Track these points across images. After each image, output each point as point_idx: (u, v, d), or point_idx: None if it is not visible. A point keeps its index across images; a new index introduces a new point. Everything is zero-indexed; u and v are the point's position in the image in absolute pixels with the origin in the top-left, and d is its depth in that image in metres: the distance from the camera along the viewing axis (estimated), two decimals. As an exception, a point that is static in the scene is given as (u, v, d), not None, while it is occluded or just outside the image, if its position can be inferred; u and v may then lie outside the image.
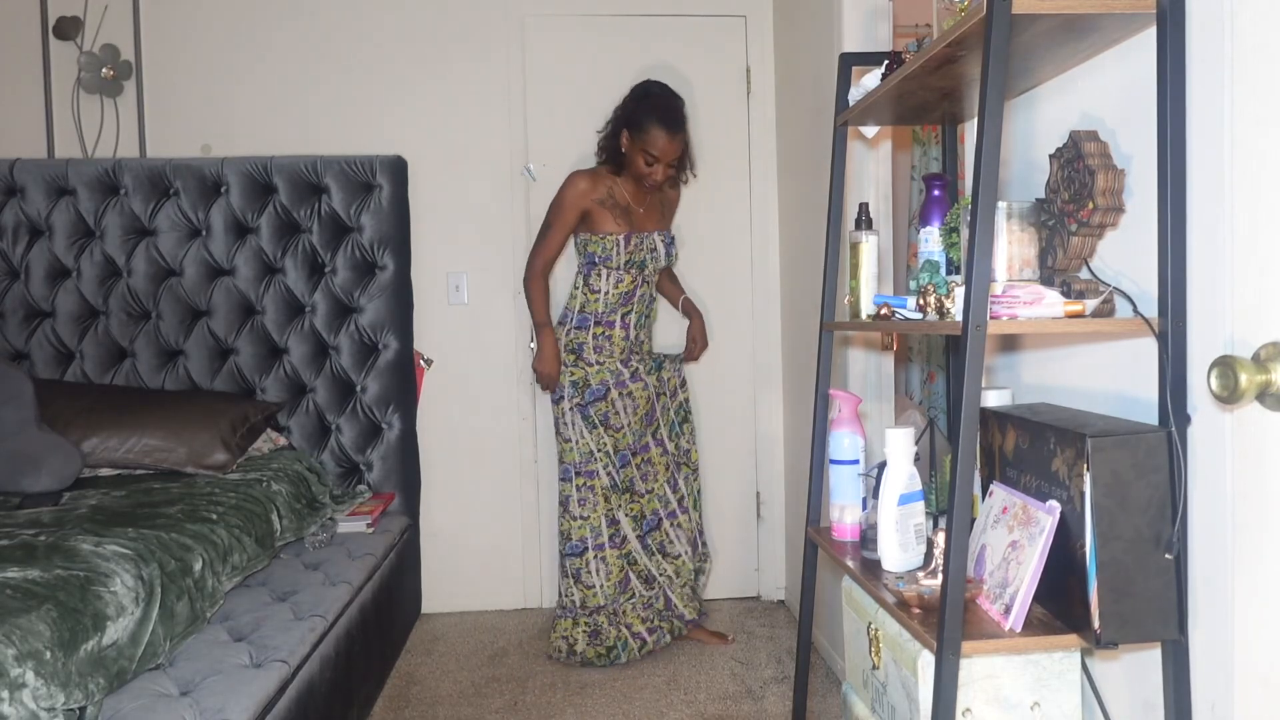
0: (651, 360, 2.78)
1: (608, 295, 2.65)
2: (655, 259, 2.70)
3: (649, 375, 2.74)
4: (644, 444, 2.71)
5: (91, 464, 2.45)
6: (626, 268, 2.63)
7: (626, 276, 2.65)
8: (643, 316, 2.73)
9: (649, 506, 2.73)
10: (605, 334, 2.65)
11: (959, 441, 1.13)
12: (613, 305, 2.66)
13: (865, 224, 1.66)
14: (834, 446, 1.66)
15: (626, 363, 2.68)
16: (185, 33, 3.06)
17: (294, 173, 2.93)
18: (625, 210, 2.66)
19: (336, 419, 2.95)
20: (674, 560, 2.75)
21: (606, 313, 2.65)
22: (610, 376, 2.65)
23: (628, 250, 2.62)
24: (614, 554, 2.65)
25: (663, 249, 2.71)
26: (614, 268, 2.62)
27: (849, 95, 1.74)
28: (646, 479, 2.71)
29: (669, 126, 2.56)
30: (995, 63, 1.10)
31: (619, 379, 2.66)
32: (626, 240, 2.62)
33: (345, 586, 2.19)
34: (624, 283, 2.65)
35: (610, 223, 2.63)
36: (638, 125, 2.57)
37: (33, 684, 1.28)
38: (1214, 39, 1.06)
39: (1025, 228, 1.29)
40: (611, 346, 2.66)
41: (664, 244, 2.72)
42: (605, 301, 2.65)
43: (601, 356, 2.64)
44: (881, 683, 1.42)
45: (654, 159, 2.57)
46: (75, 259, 2.89)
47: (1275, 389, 0.89)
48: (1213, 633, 1.09)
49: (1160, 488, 1.10)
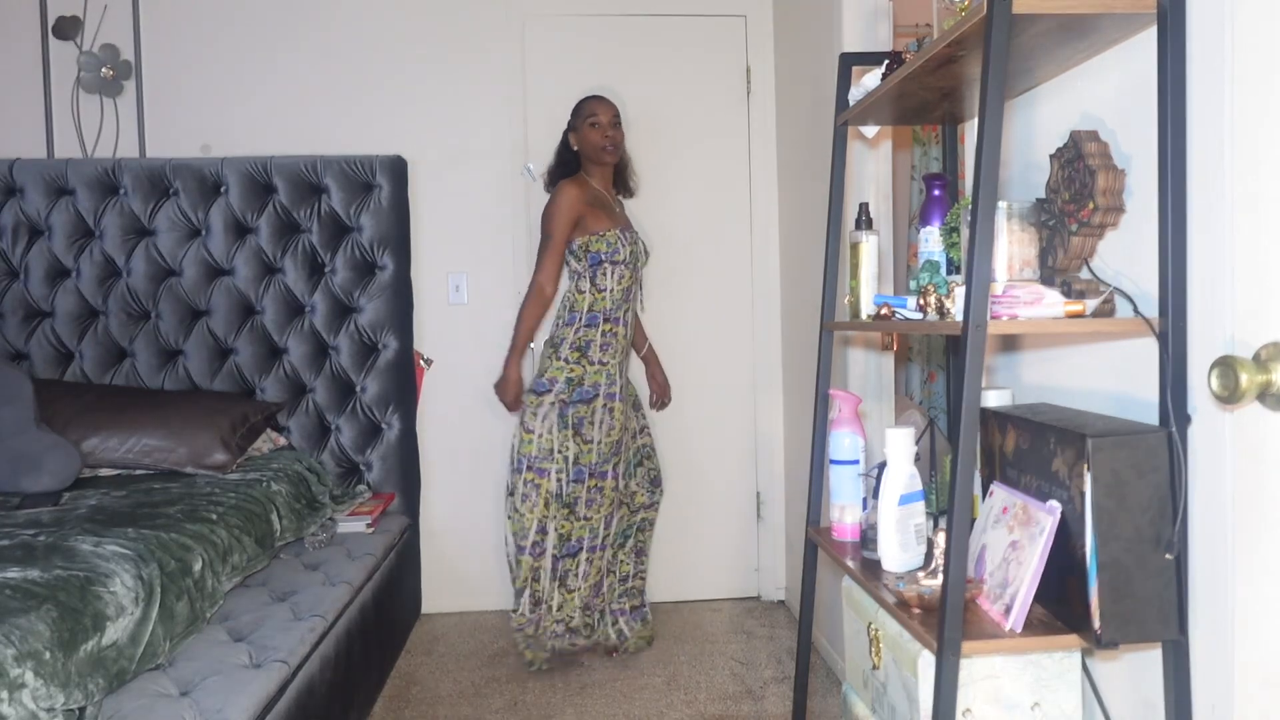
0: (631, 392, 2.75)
1: (613, 292, 2.61)
2: (641, 256, 2.72)
3: (627, 403, 2.69)
4: (602, 470, 2.58)
5: (91, 464, 2.45)
6: (627, 263, 2.62)
7: (627, 272, 2.63)
8: (634, 315, 2.73)
9: (578, 533, 2.58)
10: (612, 331, 2.62)
11: (959, 441, 1.13)
12: (618, 302, 2.63)
13: (865, 224, 1.66)
14: (834, 446, 1.66)
15: (622, 370, 2.65)
16: (185, 33, 3.06)
17: (294, 173, 2.93)
18: (610, 209, 2.67)
19: (336, 419, 2.95)
20: (567, 593, 2.59)
21: (613, 309, 2.62)
22: (605, 382, 2.59)
23: (628, 244, 2.63)
24: (529, 561, 2.57)
25: (643, 246, 2.73)
26: (619, 262, 2.60)
27: (849, 95, 1.74)
28: (590, 505, 2.57)
29: (594, 96, 2.71)
30: (995, 63, 1.10)
31: (610, 388, 2.60)
32: (624, 234, 2.63)
33: (345, 586, 2.19)
34: (625, 278, 2.63)
35: (605, 220, 2.62)
36: (572, 117, 2.71)
37: (32, 684, 1.28)
38: (1214, 39, 1.06)
39: (1025, 227, 1.29)
40: (617, 344, 2.63)
41: (644, 243, 2.74)
42: (612, 298, 2.61)
43: (606, 355, 2.59)
44: (881, 683, 1.42)
45: (599, 122, 2.63)
46: (75, 259, 2.89)
47: (1276, 389, 0.89)
48: (1213, 633, 1.09)
49: (1160, 488, 1.10)
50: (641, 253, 2.70)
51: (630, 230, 2.68)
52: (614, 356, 2.61)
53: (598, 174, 2.69)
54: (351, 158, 2.95)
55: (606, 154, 2.65)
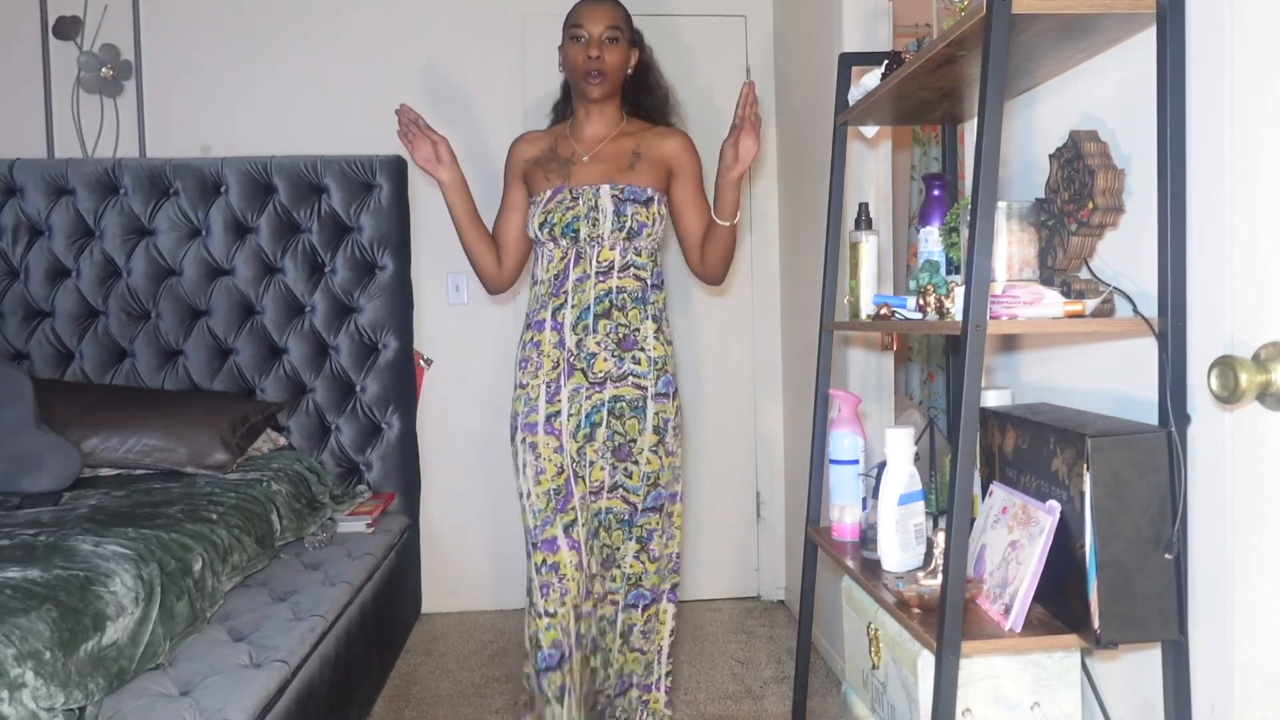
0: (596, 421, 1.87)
1: (541, 285, 1.92)
2: (596, 221, 1.85)
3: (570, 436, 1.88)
4: (547, 539, 1.87)
5: (91, 464, 2.45)
6: (550, 235, 1.87)
7: (555, 252, 1.89)
8: (585, 315, 1.86)
9: (548, 635, 1.90)
10: (532, 340, 1.91)
11: (959, 441, 1.13)
12: (543, 298, 1.91)
13: (865, 224, 1.66)
14: (834, 446, 1.66)
15: (555, 387, 1.88)
16: (185, 33, 3.06)
17: (294, 173, 2.93)
18: (566, 163, 1.94)
19: (336, 419, 2.95)
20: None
21: (535, 309, 1.92)
22: (522, 409, 1.90)
23: (544, 209, 1.88)
24: (530, 673, 1.92)
25: (610, 206, 1.85)
26: (548, 239, 1.88)
27: (849, 95, 1.74)
28: (545, 594, 1.88)
29: (586, 1, 1.93)
30: (995, 63, 1.10)
31: (528, 417, 1.90)
32: (550, 196, 1.89)
33: (345, 586, 2.19)
34: (555, 261, 1.89)
35: (541, 182, 1.94)
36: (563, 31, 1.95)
37: (32, 684, 1.28)
38: (1213, 39, 1.06)
39: (1025, 227, 1.29)
40: (539, 358, 1.89)
41: (616, 199, 1.85)
42: (537, 293, 1.93)
43: (526, 376, 1.91)
44: (881, 683, 1.42)
45: (582, 34, 1.88)
46: (75, 259, 2.89)
47: (1275, 389, 0.89)
48: (1213, 633, 1.09)
49: (1160, 488, 1.10)
50: (603, 217, 1.85)
51: (583, 187, 1.88)
52: (534, 376, 1.90)
53: (594, 113, 1.96)
54: (351, 158, 2.95)
55: (590, 84, 1.89)
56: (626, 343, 1.88)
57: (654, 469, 1.91)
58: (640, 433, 1.89)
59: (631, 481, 1.90)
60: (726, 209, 1.90)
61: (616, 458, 1.89)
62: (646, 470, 1.90)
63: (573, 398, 1.88)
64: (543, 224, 1.89)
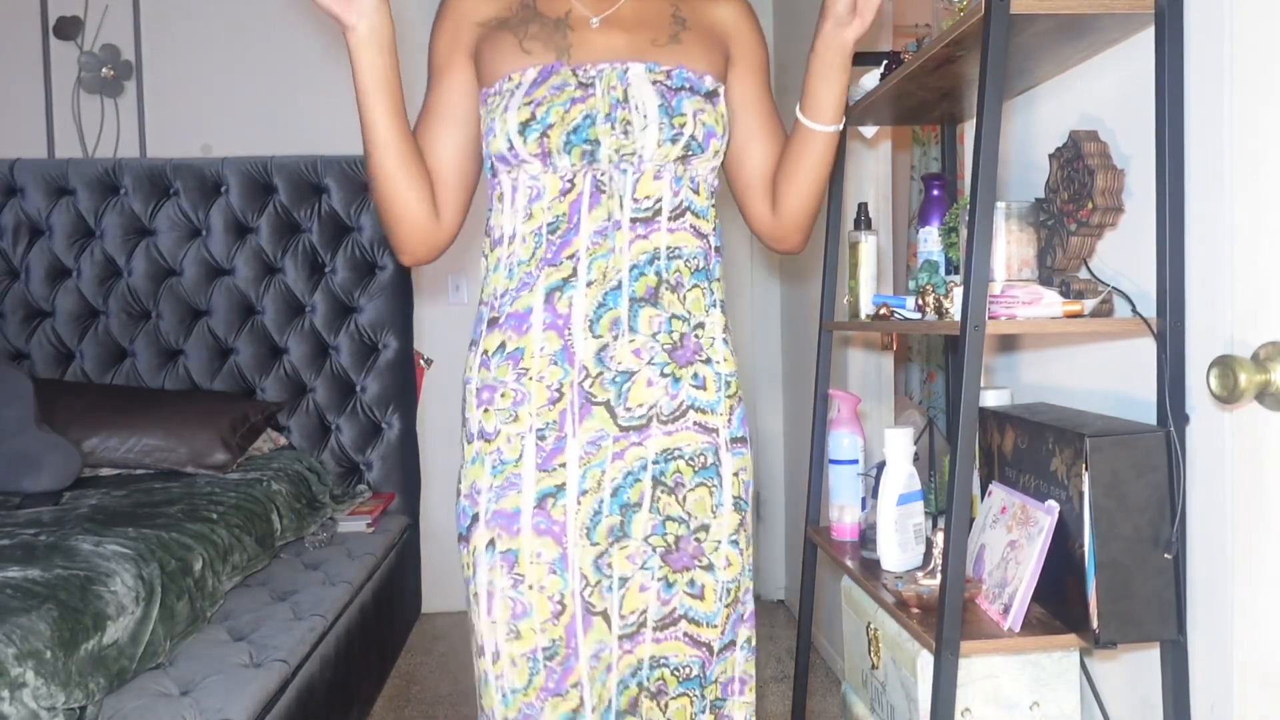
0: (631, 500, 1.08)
1: (512, 247, 1.09)
2: (628, 125, 1.05)
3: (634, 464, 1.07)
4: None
5: (92, 464, 2.45)
6: (542, 149, 1.05)
7: (550, 181, 1.07)
8: (613, 299, 1.06)
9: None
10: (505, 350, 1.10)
11: (958, 441, 1.13)
12: (522, 271, 1.08)
13: (864, 224, 1.66)
14: (833, 446, 1.66)
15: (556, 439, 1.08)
16: (185, 33, 3.06)
17: (294, 173, 2.93)
18: (557, 27, 1.11)
19: (336, 419, 2.95)
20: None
21: (507, 293, 1.09)
22: (492, 481, 1.14)
23: (527, 99, 1.05)
24: None
25: (653, 97, 1.06)
26: (524, 160, 1.06)
27: (848, 95, 1.74)
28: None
29: None
30: (994, 63, 1.10)
31: (502, 501, 1.12)
32: (538, 79, 1.06)
33: (345, 586, 2.19)
34: (544, 198, 1.07)
35: (511, 57, 1.10)
36: None
37: (33, 683, 1.28)
38: (1212, 39, 1.06)
39: (1024, 228, 1.29)
40: (520, 385, 1.09)
41: (662, 87, 1.07)
42: (509, 264, 1.09)
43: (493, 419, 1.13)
44: (881, 682, 1.42)
45: None
46: (75, 259, 2.89)
47: (1274, 389, 0.89)
48: (1212, 632, 1.09)
49: (1159, 488, 1.10)
50: (641, 122, 1.05)
51: (602, 65, 1.07)
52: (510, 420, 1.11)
53: None
54: (352, 158, 2.95)
55: None
56: (685, 350, 1.08)
57: (735, 574, 1.11)
58: (716, 513, 1.10)
59: (703, 605, 1.10)
60: (830, 102, 1.12)
61: (672, 565, 1.09)
62: (726, 580, 1.11)
63: (588, 459, 1.06)
64: (527, 126, 1.03)
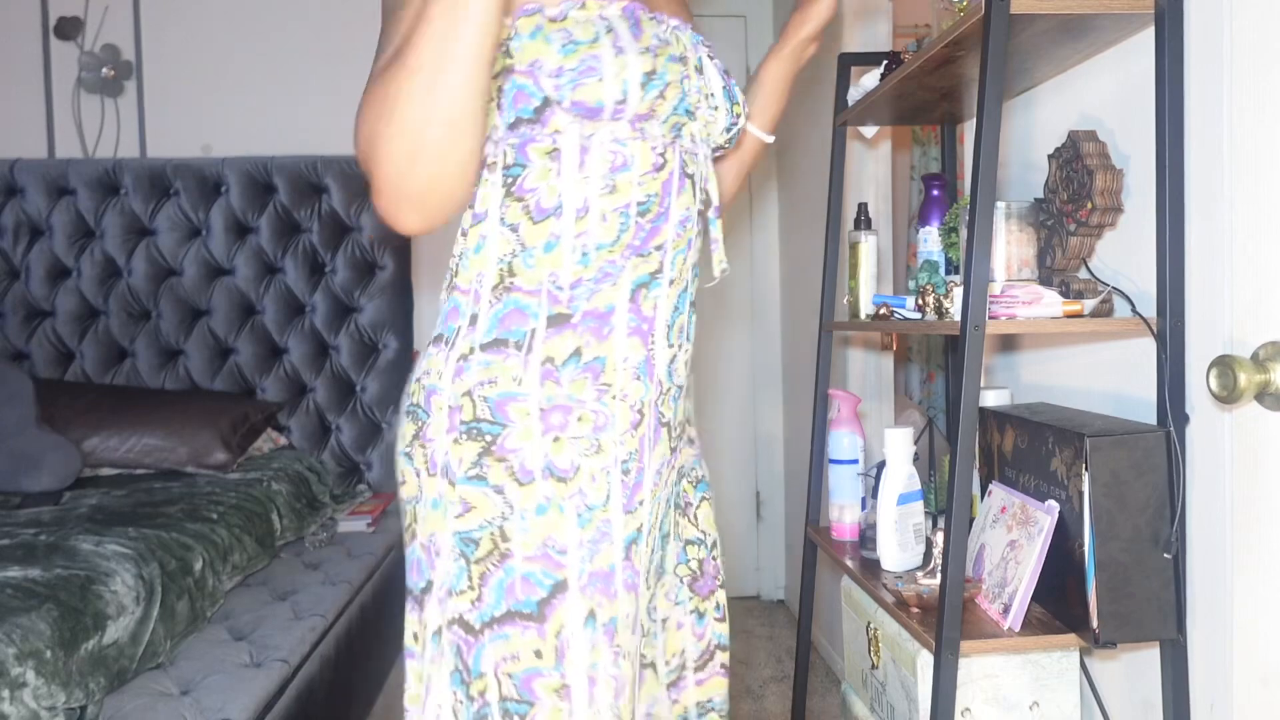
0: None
1: (591, 219, 0.82)
2: (711, 99, 0.93)
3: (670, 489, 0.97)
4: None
5: (92, 464, 2.45)
6: (650, 114, 0.82)
7: (640, 151, 0.83)
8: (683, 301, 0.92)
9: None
10: (582, 358, 0.82)
11: (958, 441, 1.13)
12: (608, 249, 0.83)
13: (864, 224, 1.66)
14: (833, 446, 1.66)
15: (636, 474, 0.86)
16: (185, 33, 3.06)
17: (294, 172, 2.93)
18: None
19: (337, 419, 2.95)
20: None
21: (589, 278, 0.82)
22: (581, 535, 0.82)
23: (639, 35, 0.82)
24: None
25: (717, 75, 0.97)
26: (620, 116, 0.80)
27: (848, 95, 1.75)
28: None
29: None
30: (993, 63, 1.10)
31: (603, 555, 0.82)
32: (631, 16, 0.85)
33: (345, 586, 2.19)
34: (633, 169, 0.82)
35: None
36: None
37: (33, 683, 1.28)
38: (1212, 39, 1.06)
39: (1024, 228, 1.29)
40: (604, 405, 0.83)
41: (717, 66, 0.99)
42: (585, 243, 0.82)
43: (566, 450, 0.82)
44: (881, 682, 1.42)
45: None
46: (75, 259, 2.89)
47: (1274, 389, 0.89)
48: (1211, 632, 1.09)
49: (1159, 487, 1.10)
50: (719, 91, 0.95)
51: (674, 21, 0.94)
52: (592, 452, 0.84)
53: None
54: (352, 157, 2.95)
55: None
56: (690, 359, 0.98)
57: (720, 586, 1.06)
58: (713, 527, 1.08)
59: (725, 626, 1.04)
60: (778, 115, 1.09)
61: (699, 593, 1.01)
62: (721, 599, 1.05)
63: (655, 491, 0.90)
64: (651, 79, 0.82)
